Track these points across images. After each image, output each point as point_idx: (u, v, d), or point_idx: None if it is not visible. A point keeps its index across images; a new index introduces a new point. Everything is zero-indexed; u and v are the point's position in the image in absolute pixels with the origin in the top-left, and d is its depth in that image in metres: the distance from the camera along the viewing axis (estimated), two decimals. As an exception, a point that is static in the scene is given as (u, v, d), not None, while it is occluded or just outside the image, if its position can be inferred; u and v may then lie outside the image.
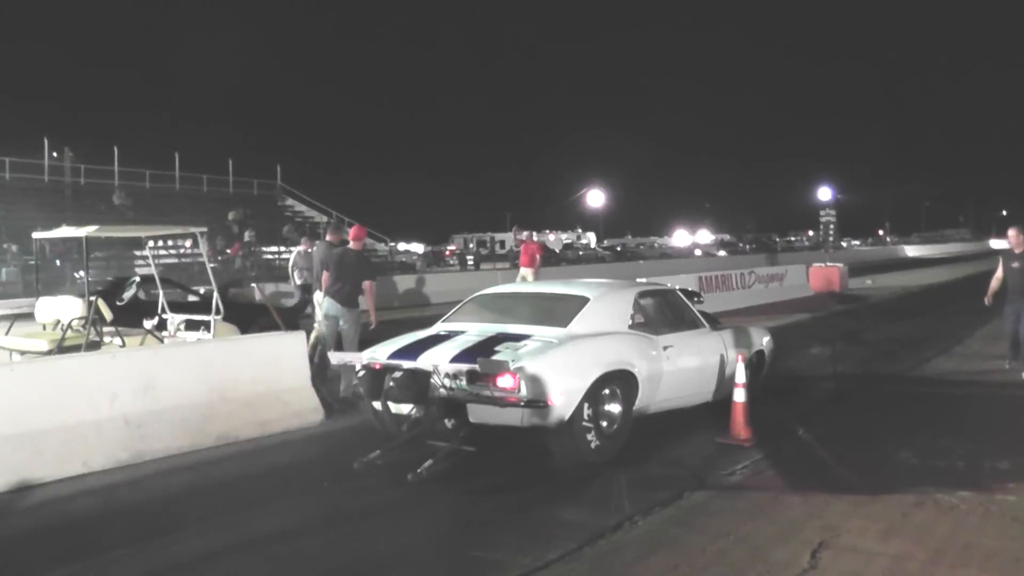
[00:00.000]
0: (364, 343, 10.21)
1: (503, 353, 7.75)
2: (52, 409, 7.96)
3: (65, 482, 7.71)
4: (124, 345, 10.26)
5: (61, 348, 10.00)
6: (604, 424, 8.14)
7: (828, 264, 32.53)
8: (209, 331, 11.07)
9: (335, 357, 9.02)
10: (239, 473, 8.27)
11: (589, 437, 7.92)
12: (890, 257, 73.80)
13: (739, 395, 8.70)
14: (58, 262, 25.48)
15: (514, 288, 10.22)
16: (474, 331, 8.55)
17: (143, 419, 8.48)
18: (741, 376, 8.77)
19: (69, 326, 10.29)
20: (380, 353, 8.39)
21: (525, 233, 24.98)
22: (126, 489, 7.69)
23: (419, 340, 8.53)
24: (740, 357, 8.99)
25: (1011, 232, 12.23)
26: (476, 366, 7.56)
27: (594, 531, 6.18)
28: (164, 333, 11.31)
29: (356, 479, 7.78)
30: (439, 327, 9.09)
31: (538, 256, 22.94)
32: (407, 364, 8.01)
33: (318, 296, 12.94)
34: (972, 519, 6.33)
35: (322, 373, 11.42)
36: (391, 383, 7.85)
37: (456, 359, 7.83)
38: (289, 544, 6.23)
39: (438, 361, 7.89)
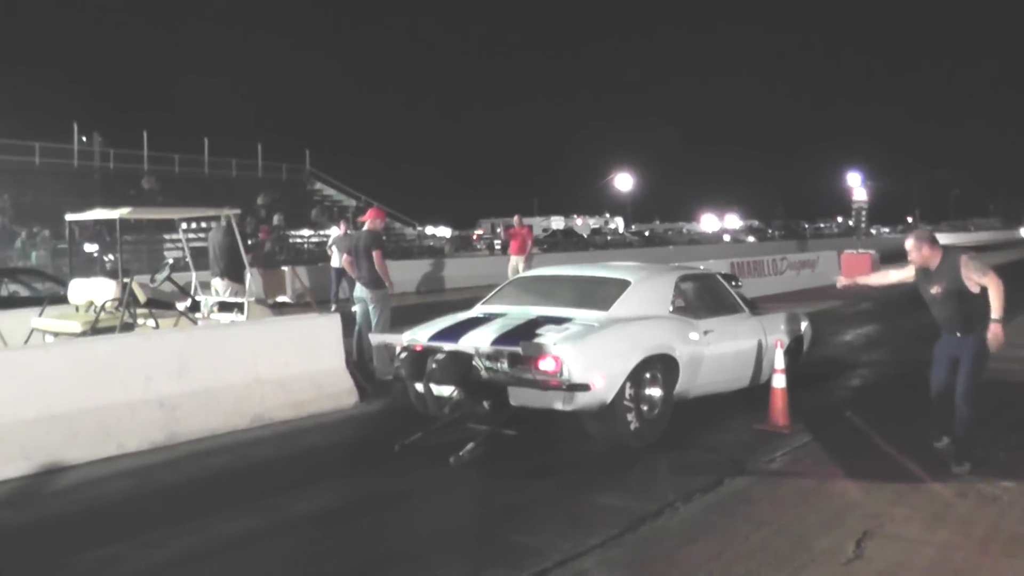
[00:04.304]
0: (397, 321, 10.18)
1: (545, 336, 7.66)
2: (86, 391, 7.97)
3: (100, 464, 7.73)
4: (158, 327, 10.26)
5: (95, 330, 10.00)
6: (645, 408, 8.09)
7: (860, 251, 32.25)
8: (243, 313, 11.06)
9: (375, 338, 8.99)
10: (274, 455, 8.26)
11: (630, 421, 7.88)
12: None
13: (778, 381, 8.59)
14: (85, 246, 25.58)
15: (554, 271, 10.20)
16: (514, 314, 8.50)
17: (177, 401, 8.49)
18: (780, 362, 8.65)
19: (103, 308, 10.28)
20: (420, 335, 8.33)
21: (516, 218, 24.21)
22: (161, 471, 7.70)
23: (459, 322, 8.47)
24: (779, 343, 8.88)
25: (910, 244, 7.39)
26: (518, 349, 7.52)
27: (635, 517, 6.12)
28: (198, 315, 11.31)
29: (394, 462, 7.77)
30: (479, 309, 9.03)
31: (528, 242, 22.51)
32: (448, 346, 7.96)
33: (216, 282, 13.09)
34: (1015, 511, 6.22)
35: (362, 356, 11.48)
36: (433, 365, 7.78)
37: (497, 341, 7.76)
38: (326, 527, 6.20)
39: (479, 343, 7.83)
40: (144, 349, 8.59)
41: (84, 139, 39.37)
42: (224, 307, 11.47)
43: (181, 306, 11.20)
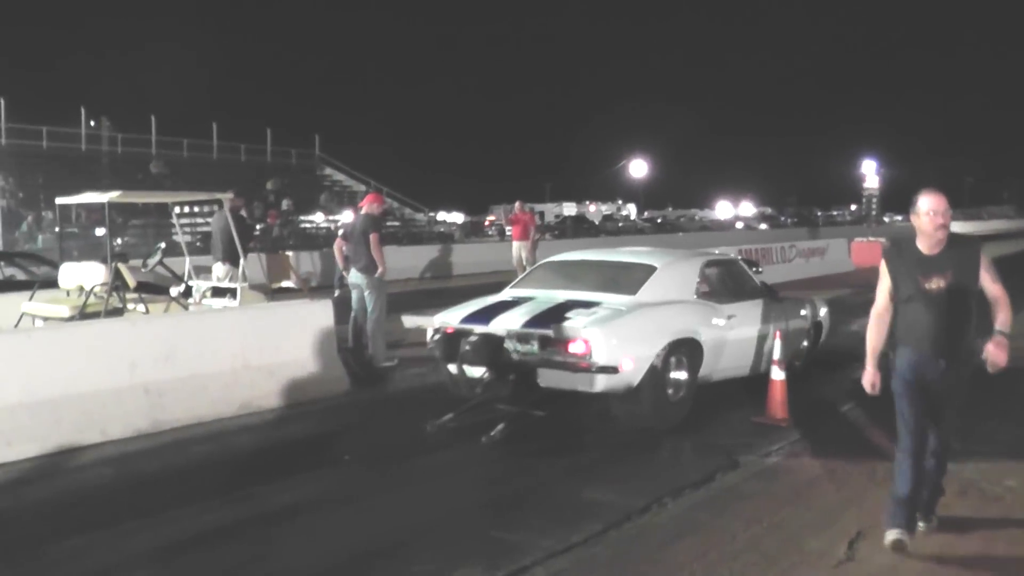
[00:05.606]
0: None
1: (575, 319, 7.80)
2: (70, 377, 7.81)
3: (83, 450, 7.59)
4: (148, 312, 10.12)
5: (83, 314, 9.88)
6: (670, 391, 8.21)
7: (870, 239, 31.94)
8: (235, 299, 10.90)
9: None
10: (260, 443, 8.12)
11: (655, 404, 7.98)
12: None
13: (777, 373, 8.43)
14: (97, 230, 25.55)
15: (581, 256, 10.31)
16: (543, 297, 8.63)
17: (163, 387, 8.33)
18: (778, 353, 8.51)
19: (91, 292, 10.15)
20: (452, 317, 8.46)
21: (517, 204, 23.93)
22: (144, 459, 7.56)
23: (490, 305, 8.61)
24: (777, 334, 8.74)
25: (930, 203, 5.16)
26: (548, 331, 7.69)
27: (621, 513, 5.95)
28: (190, 300, 11.16)
29: (381, 452, 7.70)
30: (508, 293, 9.16)
31: (531, 228, 22.24)
32: (479, 328, 8.08)
33: (217, 268, 13.01)
34: (1018, 511, 5.99)
35: (358, 342, 11.32)
36: (467, 347, 7.91)
37: (528, 324, 7.90)
38: (304, 519, 6.04)
39: (510, 326, 7.97)
40: (130, 334, 8.44)
41: (92, 123, 39.31)
42: (217, 292, 11.32)
43: (174, 291, 11.06)
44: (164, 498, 6.50)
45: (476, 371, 8.04)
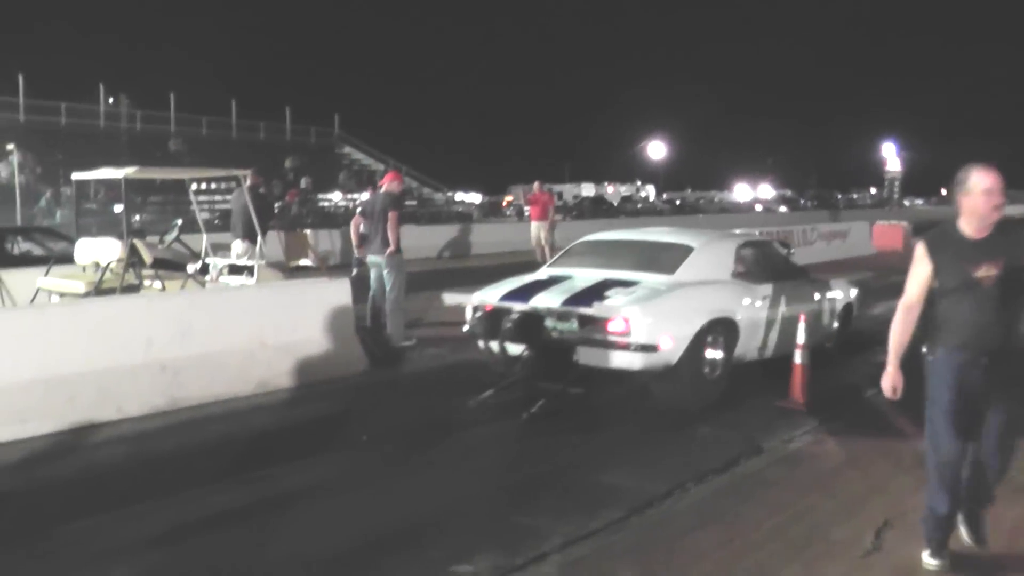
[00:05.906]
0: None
1: (614, 298, 7.90)
2: (85, 353, 7.74)
3: (98, 428, 7.53)
4: (164, 288, 10.06)
5: (99, 290, 9.83)
6: (707, 370, 8.28)
7: (892, 222, 31.66)
8: (252, 276, 10.82)
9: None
10: (276, 424, 8.04)
11: (692, 382, 8.07)
12: (955, 216, 71.94)
13: (800, 357, 8.31)
14: (115, 207, 25.58)
15: (618, 235, 10.37)
16: (581, 276, 8.68)
17: (180, 365, 8.24)
18: (802, 336, 8.39)
19: (107, 268, 10.10)
20: (490, 296, 8.57)
21: (536, 184, 23.46)
22: (158, 437, 7.49)
23: (529, 283, 8.69)
24: (802, 317, 8.60)
25: (985, 181, 4.52)
26: (588, 310, 7.81)
27: (643, 498, 5.84)
28: (206, 277, 11.09)
29: (398, 432, 7.60)
30: (545, 272, 9.22)
31: (550, 208, 22.07)
32: (518, 307, 8.15)
33: (236, 245, 12.94)
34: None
35: (376, 322, 11.26)
36: (508, 324, 8.01)
37: (567, 302, 8.00)
38: (319, 502, 5.95)
39: (549, 304, 8.07)
40: (145, 311, 8.37)
41: (111, 100, 39.38)
42: (235, 270, 11.25)
43: (191, 268, 11.00)
44: (178, 478, 6.42)
45: (516, 348, 8.12)
